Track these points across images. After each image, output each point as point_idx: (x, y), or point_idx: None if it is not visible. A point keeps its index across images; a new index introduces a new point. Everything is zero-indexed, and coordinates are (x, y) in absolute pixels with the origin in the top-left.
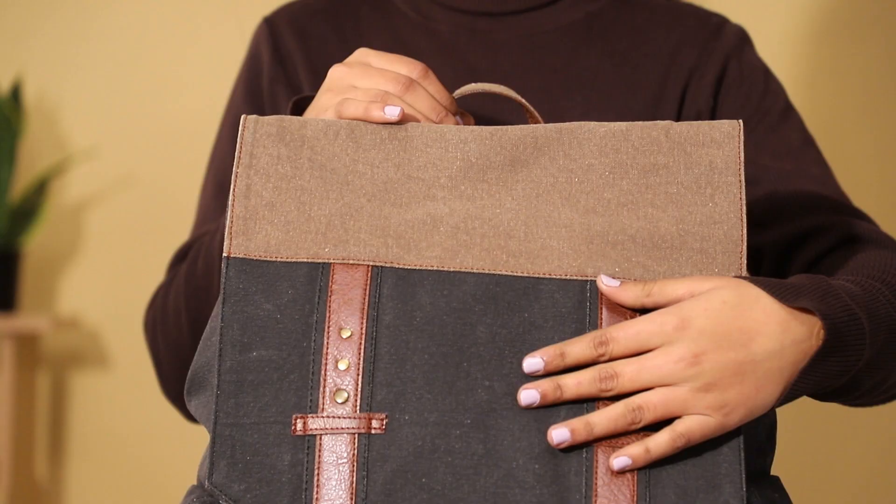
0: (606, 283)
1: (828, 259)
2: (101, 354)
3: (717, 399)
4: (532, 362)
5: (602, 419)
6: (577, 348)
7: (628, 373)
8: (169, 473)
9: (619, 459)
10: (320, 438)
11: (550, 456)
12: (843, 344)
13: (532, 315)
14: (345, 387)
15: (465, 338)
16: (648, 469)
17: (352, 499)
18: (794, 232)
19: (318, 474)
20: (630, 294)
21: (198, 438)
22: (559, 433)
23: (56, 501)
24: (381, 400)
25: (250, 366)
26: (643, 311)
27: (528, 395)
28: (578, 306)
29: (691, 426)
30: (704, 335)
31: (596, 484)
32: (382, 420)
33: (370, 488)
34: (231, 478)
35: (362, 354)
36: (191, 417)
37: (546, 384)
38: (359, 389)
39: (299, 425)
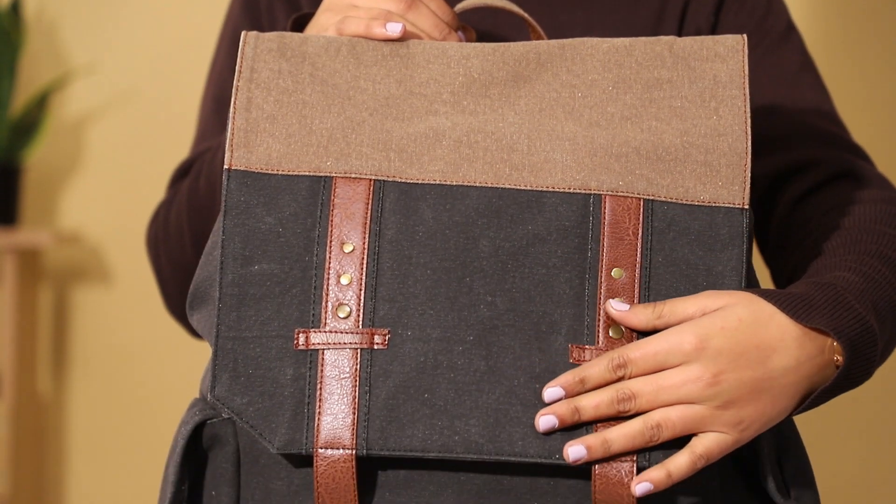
0: (616, 308)
1: (815, 197)
2: (102, 269)
3: (734, 416)
4: (552, 392)
5: (620, 437)
6: (596, 373)
7: (647, 394)
8: (172, 387)
9: (642, 486)
10: (322, 353)
11: (551, 375)
12: (858, 355)
13: (535, 228)
14: (347, 301)
15: (467, 252)
16: None
17: (354, 413)
18: (783, 165)
19: (320, 389)
20: (641, 317)
21: (200, 352)
22: (575, 451)
23: (59, 415)
24: (384, 315)
25: (252, 279)
26: (647, 236)
27: (547, 420)
28: (581, 221)
29: (710, 445)
30: (723, 354)
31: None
32: (385, 336)
33: (372, 403)
34: (233, 391)
35: (364, 269)
36: (194, 333)
37: (563, 409)
38: (361, 304)
39: (301, 340)
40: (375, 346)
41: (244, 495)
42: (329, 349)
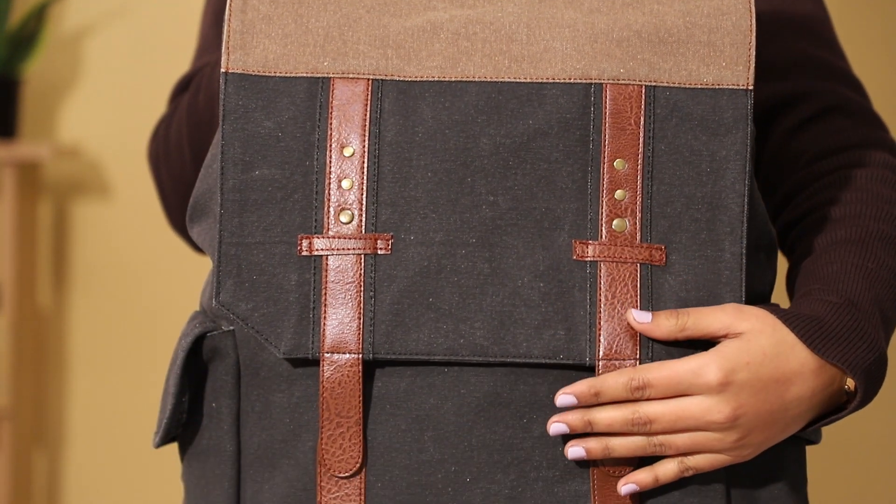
0: (639, 319)
1: (806, 132)
2: (101, 183)
3: (742, 443)
4: (564, 399)
5: (621, 448)
6: (613, 389)
7: (664, 422)
8: (171, 300)
9: (627, 486)
10: (326, 259)
11: (554, 273)
12: (871, 382)
13: (536, 122)
14: (349, 206)
15: (467, 151)
16: (651, 285)
17: (359, 319)
18: (775, 96)
19: (324, 294)
20: (664, 329)
21: (200, 266)
22: (575, 451)
23: (59, 328)
24: (386, 220)
25: (253, 185)
26: (649, 124)
27: (557, 427)
28: (583, 112)
29: (702, 463)
30: (745, 389)
31: (600, 300)
32: (388, 241)
33: (378, 308)
34: (238, 297)
35: (365, 173)
36: (196, 247)
37: (576, 420)
38: (363, 209)
39: (304, 245)
40: (379, 252)
41: (244, 407)
42: (332, 255)
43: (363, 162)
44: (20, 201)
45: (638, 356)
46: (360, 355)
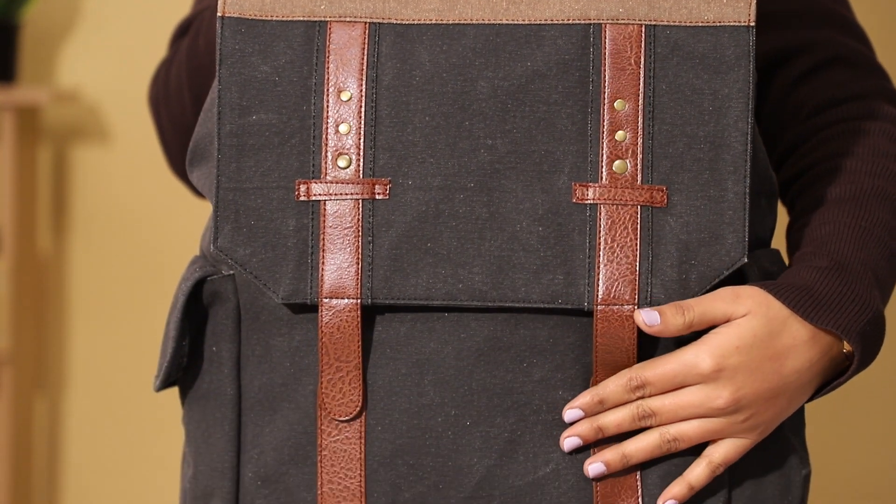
0: (648, 322)
1: (807, 85)
2: (101, 128)
3: (752, 423)
4: (572, 413)
5: (638, 452)
6: (614, 393)
7: (667, 413)
8: (171, 245)
9: (669, 503)
10: (324, 204)
11: (554, 216)
12: (867, 343)
13: (535, 64)
14: (347, 151)
15: (465, 95)
16: (651, 227)
17: (358, 264)
18: (776, 47)
19: (322, 240)
20: (673, 329)
21: (199, 210)
22: (595, 468)
23: (59, 273)
24: (384, 165)
25: (250, 129)
26: (650, 63)
27: (571, 441)
28: (582, 53)
29: (728, 452)
30: (739, 373)
31: (599, 244)
32: (386, 185)
33: (376, 253)
34: (236, 242)
35: (363, 118)
36: (197, 191)
37: (587, 430)
38: (361, 154)
39: (302, 190)
40: (377, 196)
41: (244, 352)
42: (330, 200)
43: (360, 106)
44: (19, 146)
45: (637, 301)
46: (359, 300)
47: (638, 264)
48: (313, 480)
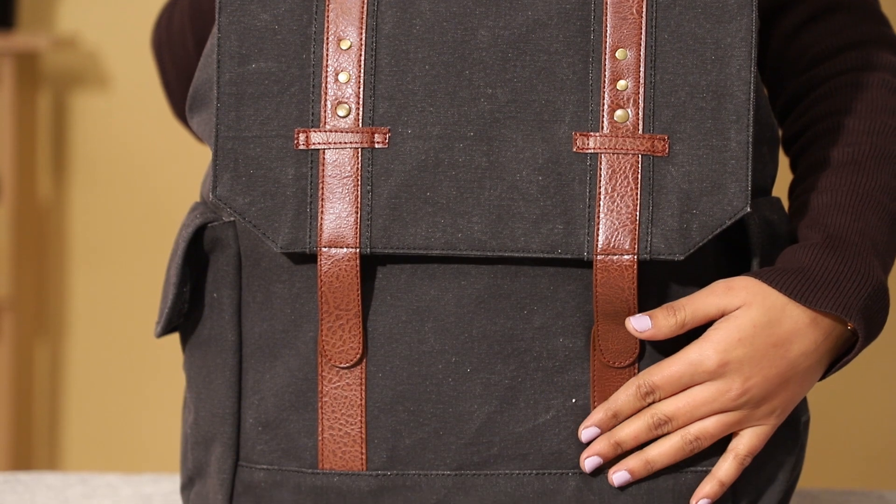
0: (639, 328)
1: (806, 34)
2: (100, 74)
3: (768, 409)
4: (589, 432)
5: (661, 456)
6: (626, 404)
7: (682, 415)
8: (172, 191)
9: (703, 502)
10: (323, 153)
11: (554, 166)
12: (871, 317)
13: (535, 13)
14: (346, 100)
15: (466, 44)
16: (652, 176)
17: (357, 213)
18: None
19: (322, 189)
20: (666, 331)
21: (200, 156)
22: (620, 476)
23: (59, 219)
24: (384, 113)
25: (250, 78)
26: (652, 12)
27: (591, 461)
28: (583, 2)
29: (752, 442)
30: (745, 363)
31: (599, 193)
32: (385, 134)
33: (375, 203)
34: (235, 191)
35: (362, 66)
36: (199, 137)
37: (605, 447)
38: (360, 103)
39: (301, 139)
40: (376, 145)
41: (245, 298)
42: (329, 149)
43: (360, 55)
44: (19, 92)
45: (636, 250)
46: (358, 250)
47: (638, 214)
48: (314, 426)
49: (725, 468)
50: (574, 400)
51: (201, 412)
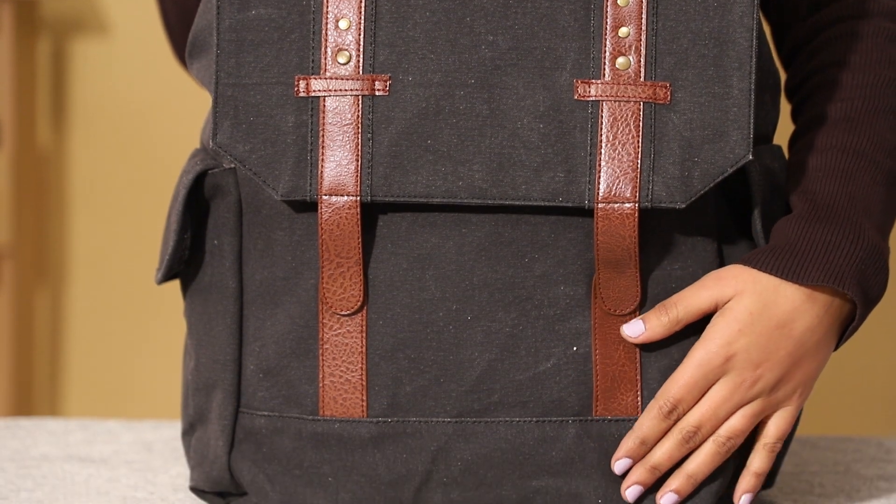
0: (632, 334)
1: None
2: (99, 20)
3: (788, 390)
4: (622, 464)
5: (701, 467)
6: (651, 428)
7: (707, 422)
8: (172, 138)
9: (745, 497)
10: (323, 100)
11: (555, 113)
12: (868, 282)
13: None
14: (346, 47)
15: None
16: (653, 124)
17: (357, 160)
18: None
19: (322, 136)
20: (661, 330)
21: (200, 103)
22: (668, 499)
23: (59, 166)
24: (384, 61)
25: (249, 24)
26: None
27: (633, 491)
28: None
29: (780, 426)
30: (751, 352)
31: (601, 141)
32: (386, 81)
33: (376, 150)
34: (235, 138)
35: (363, 13)
36: None
37: (643, 476)
38: (361, 50)
39: (302, 86)
40: (376, 93)
41: (246, 245)
42: (330, 96)
43: (361, 2)
44: (18, 38)
45: (638, 198)
46: (359, 198)
47: (639, 162)
48: (315, 373)
49: (758, 461)
50: (575, 348)
51: (202, 359)
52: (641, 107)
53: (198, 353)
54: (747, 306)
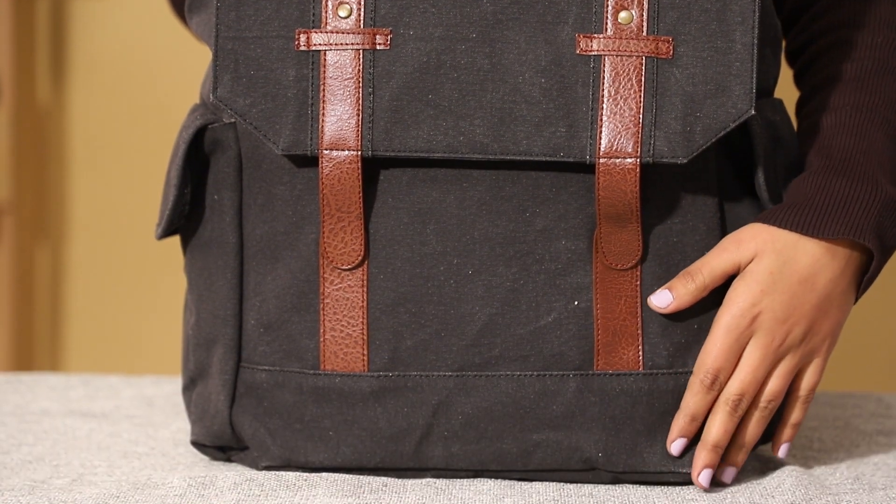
0: (661, 304)
1: None
2: None
3: (817, 342)
4: (678, 445)
5: (752, 436)
6: (696, 403)
7: (748, 386)
8: (172, 92)
9: (783, 449)
10: (324, 54)
11: (556, 68)
12: (886, 232)
13: None
14: (347, 0)
15: None
16: (655, 78)
17: (358, 115)
18: None
19: (323, 90)
20: (688, 298)
21: (200, 58)
22: (729, 473)
23: (59, 122)
24: (385, 14)
25: None
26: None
27: (705, 476)
28: None
29: (812, 379)
30: (776, 309)
31: (602, 96)
32: (387, 35)
33: (377, 105)
34: (236, 92)
35: None
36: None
37: (708, 457)
38: (362, 3)
39: (302, 40)
40: (377, 47)
41: (247, 200)
42: (331, 50)
43: None
44: None
45: (639, 153)
46: (360, 152)
47: (641, 117)
48: (315, 328)
49: (795, 414)
50: (576, 302)
51: (203, 314)
52: (644, 61)
53: (198, 308)
54: (767, 266)
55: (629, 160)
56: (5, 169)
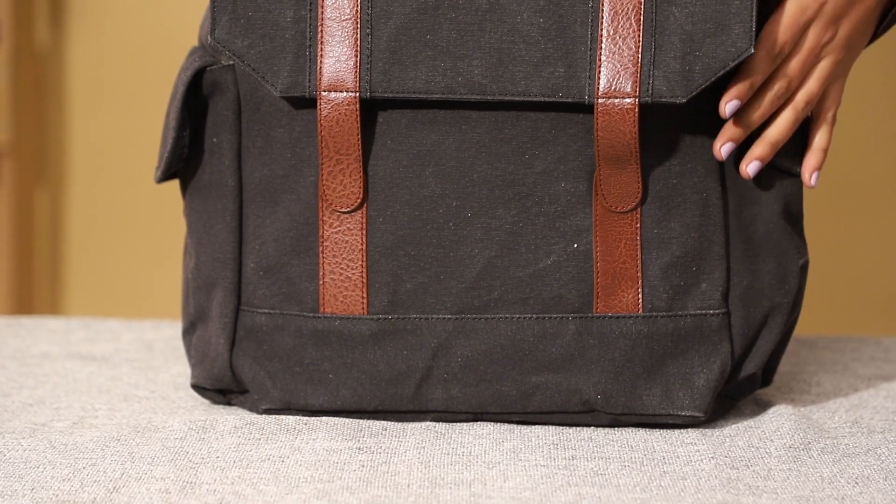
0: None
1: None
2: None
3: (848, 60)
4: (732, 105)
5: (781, 133)
6: (759, 69)
7: (799, 71)
8: (170, 35)
9: (815, 174)
10: None
11: (555, 7)
12: None
13: None
14: None
15: None
16: (654, 17)
17: (356, 56)
18: None
19: (321, 31)
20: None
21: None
22: (753, 167)
23: (58, 64)
24: None
25: None
26: None
27: (727, 148)
28: None
29: (834, 98)
30: (837, 5)
31: (601, 35)
32: None
33: (375, 45)
34: (233, 33)
35: None
36: None
37: (735, 131)
38: None
39: None
40: None
41: (245, 143)
42: None
43: None
44: None
45: (638, 93)
46: (358, 94)
47: (640, 56)
48: (315, 270)
49: (822, 136)
50: (576, 245)
51: (202, 257)
52: (642, 0)
53: (198, 251)
54: None
55: (628, 100)
56: (4, 112)
